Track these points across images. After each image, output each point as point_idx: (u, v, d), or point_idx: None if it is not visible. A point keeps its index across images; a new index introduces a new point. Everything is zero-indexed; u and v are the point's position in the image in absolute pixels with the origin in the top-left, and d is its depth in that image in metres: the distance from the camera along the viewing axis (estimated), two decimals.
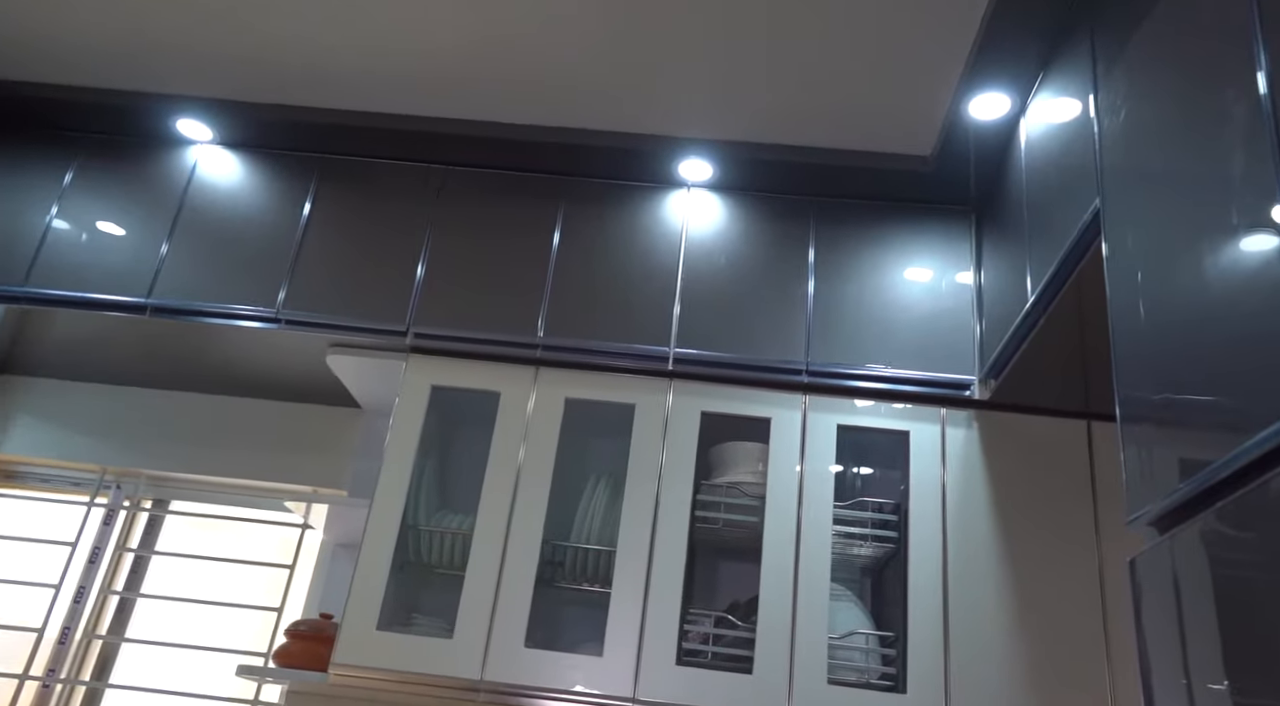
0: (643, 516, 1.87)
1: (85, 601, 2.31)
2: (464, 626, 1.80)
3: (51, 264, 2.10)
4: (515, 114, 2.08)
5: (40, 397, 2.49)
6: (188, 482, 2.45)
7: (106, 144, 2.24)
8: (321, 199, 2.17)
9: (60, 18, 1.95)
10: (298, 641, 1.92)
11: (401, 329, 2.03)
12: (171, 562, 2.44)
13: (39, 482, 2.50)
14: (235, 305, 2.06)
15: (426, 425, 2.00)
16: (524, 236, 2.13)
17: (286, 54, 1.97)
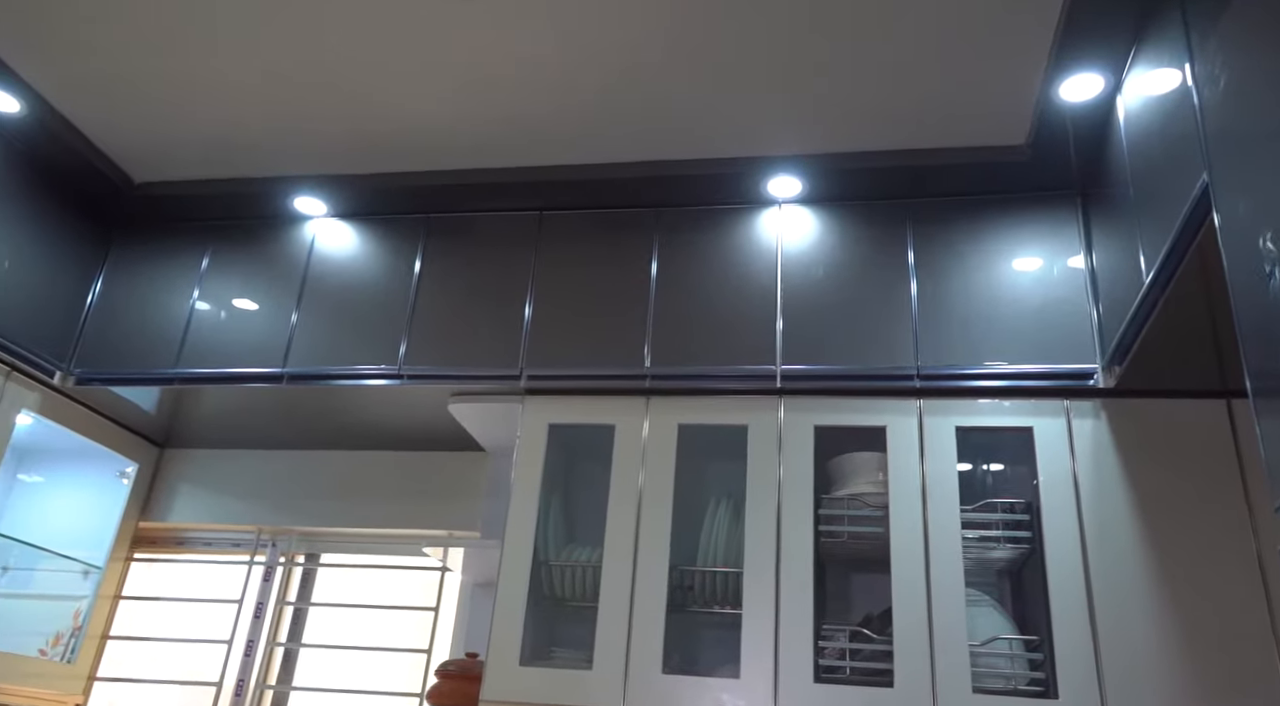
0: (766, 535, 1.88)
1: (255, 654, 2.47)
2: (602, 656, 1.84)
3: (197, 345, 2.29)
4: (606, 154, 2.14)
5: (198, 467, 2.70)
6: (334, 535, 2.60)
7: (235, 228, 2.43)
8: (430, 256, 2.29)
9: (185, 121, 2.14)
10: (448, 680, 2.01)
11: (515, 372, 2.11)
12: (327, 611, 2.58)
13: (203, 546, 2.70)
14: (361, 366, 2.18)
15: (547, 463, 2.07)
16: (623, 270, 2.18)
17: (388, 125, 2.10)
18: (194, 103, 2.08)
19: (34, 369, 2.23)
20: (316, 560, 2.66)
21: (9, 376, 2.20)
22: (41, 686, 2.31)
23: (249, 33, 1.85)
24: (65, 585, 2.56)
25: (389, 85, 1.97)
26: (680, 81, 1.90)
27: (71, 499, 2.66)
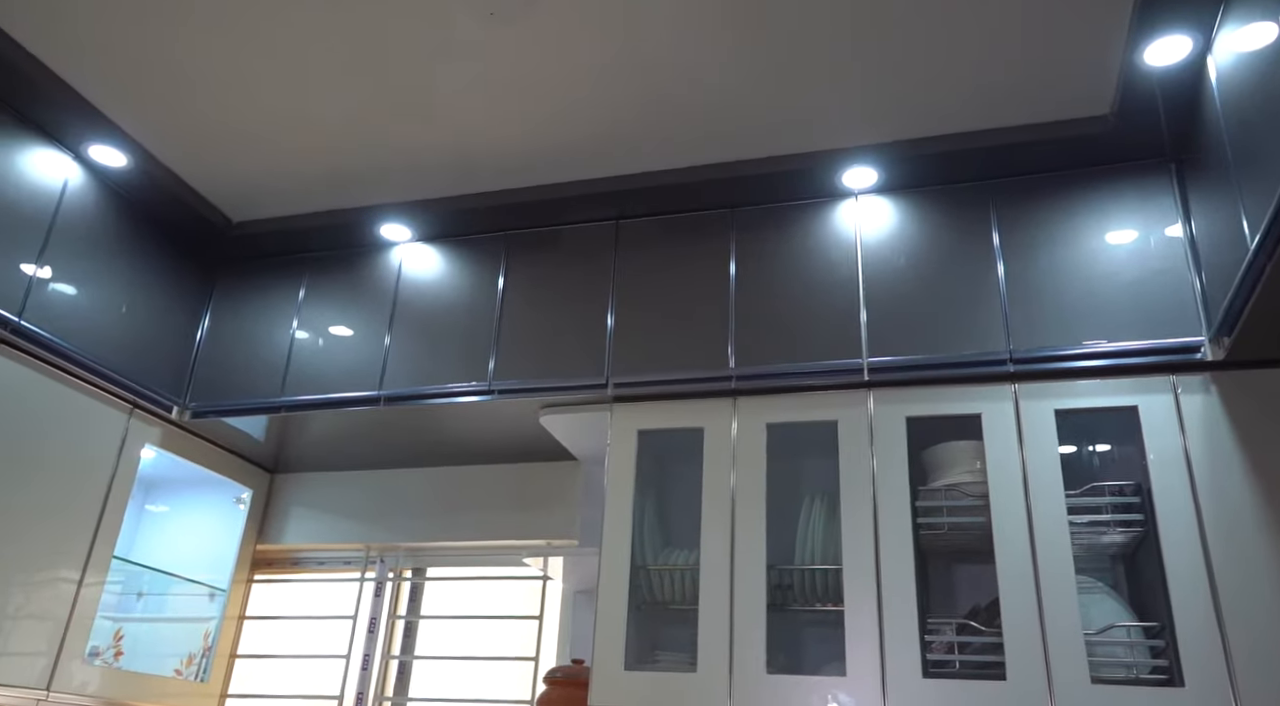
0: (863, 530, 1.86)
1: (371, 667, 2.56)
2: (705, 659, 1.85)
3: (299, 373, 2.39)
4: (678, 158, 2.16)
5: (307, 490, 2.82)
6: (437, 549, 2.68)
7: (327, 259, 2.53)
8: (513, 272, 2.34)
9: (275, 161, 2.24)
10: (556, 687, 2.05)
11: (602, 381, 2.14)
12: (436, 623, 2.66)
13: (316, 565, 2.82)
14: (453, 384, 2.25)
15: (639, 468, 2.09)
16: (702, 273, 2.19)
17: (466, 149, 2.16)
18: (283, 143, 2.18)
19: (154, 405, 2.37)
20: (423, 574, 2.74)
21: (132, 413, 2.34)
22: (179, 704, 2.45)
23: (333, 72, 1.94)
24: (194, 608, 2.70)
25: (465, 111, 2.03)
26: (747, 80, 1.90)
27: (194, 526, 2.82)
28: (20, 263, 2.02)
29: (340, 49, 1.87)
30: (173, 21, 1.82)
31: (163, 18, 1.81)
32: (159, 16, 1.81)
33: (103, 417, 2.26)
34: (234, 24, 1.82)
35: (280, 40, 1.86)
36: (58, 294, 2.11)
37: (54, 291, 2.10)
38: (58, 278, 2.11)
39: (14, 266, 2.00)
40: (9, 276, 1.99)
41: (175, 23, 1.82)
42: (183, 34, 1.85)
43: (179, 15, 1.80)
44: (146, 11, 1.80)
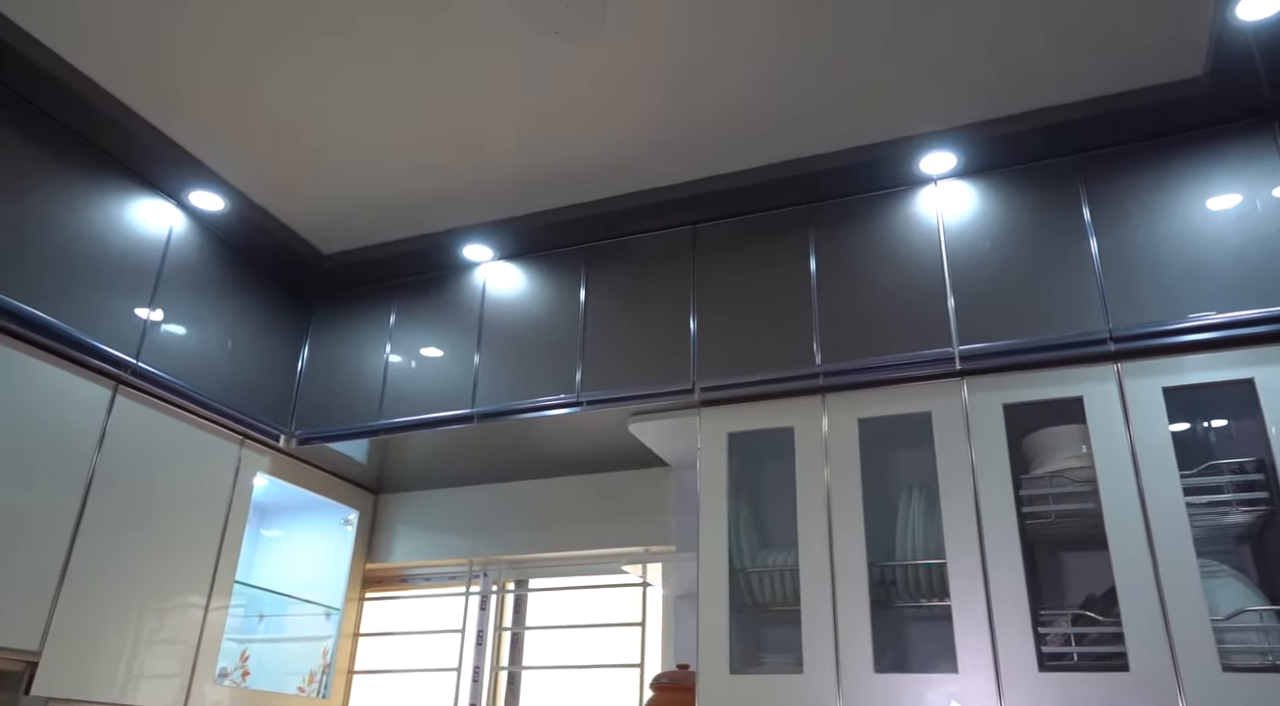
0: (965, 522, 1.81)
1: (481, 679, 2.62)
2: (811, 660, 1.83)
3: (395, 395, 2.47)
4: (753, 159, 2.15)
5: (410, 508, 2.90)
6: (537, 561, 2.72)
7: (415, 283, 2.61)
8: (593, 283, 2.37)
9: (360, 193, 2.33)
10: (662, 693, 2.05)
11: (688, 386, 2.15)
12: (542, 633, 2.70)
13: (423, 581, 2.90)
14: (542, 397, 2.29)
15: (731, 471, 2.08)
16: (782, 271, 2.18)
17: (544, 167, 2.21)
18: (367, 175, 2.26)
19: (262, 435, 2.48)
20: (525, 586, 2.79)
21: (243, 444, 2.45)
22: None
23: (410, 104, 2.00)
24: (311, 627, 2.81)
25: (539, 129, 2.07)
26: (816, 73, 1.89)
27: (307, 548, 2.93)
28: (135, 307, 2.15)
29: (415, 81, 1.93)
30: (260, 71, 1.91)
31: (251, 68, 1.90)
32: (248, 67, 1.90)
33: (217, 450, 2.37)
34: (315, 68, 1.90)
35: (359, 78, 1.93)
36: (169, 335, 2.23)
37: (165, 333, 2.22)
38: (168, 319, 2.24)
39: (129, 311, 2.13)
40: (126, 321, 2.12)
41: (262, 72, 1.91)
42: (269, 81, 1.94)
43: (266, 64, 1.89)
44: (236, 64, 1.89)
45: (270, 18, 1.79)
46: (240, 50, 1.87)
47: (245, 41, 1.85)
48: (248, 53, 1.87)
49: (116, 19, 1.79)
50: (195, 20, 1.80)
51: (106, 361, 2.06)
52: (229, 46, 1.86)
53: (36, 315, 1.92)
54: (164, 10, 1.77)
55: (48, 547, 1.92)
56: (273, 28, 1.81)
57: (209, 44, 1.85)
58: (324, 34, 1.82)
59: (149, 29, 1.82)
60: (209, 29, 1.82)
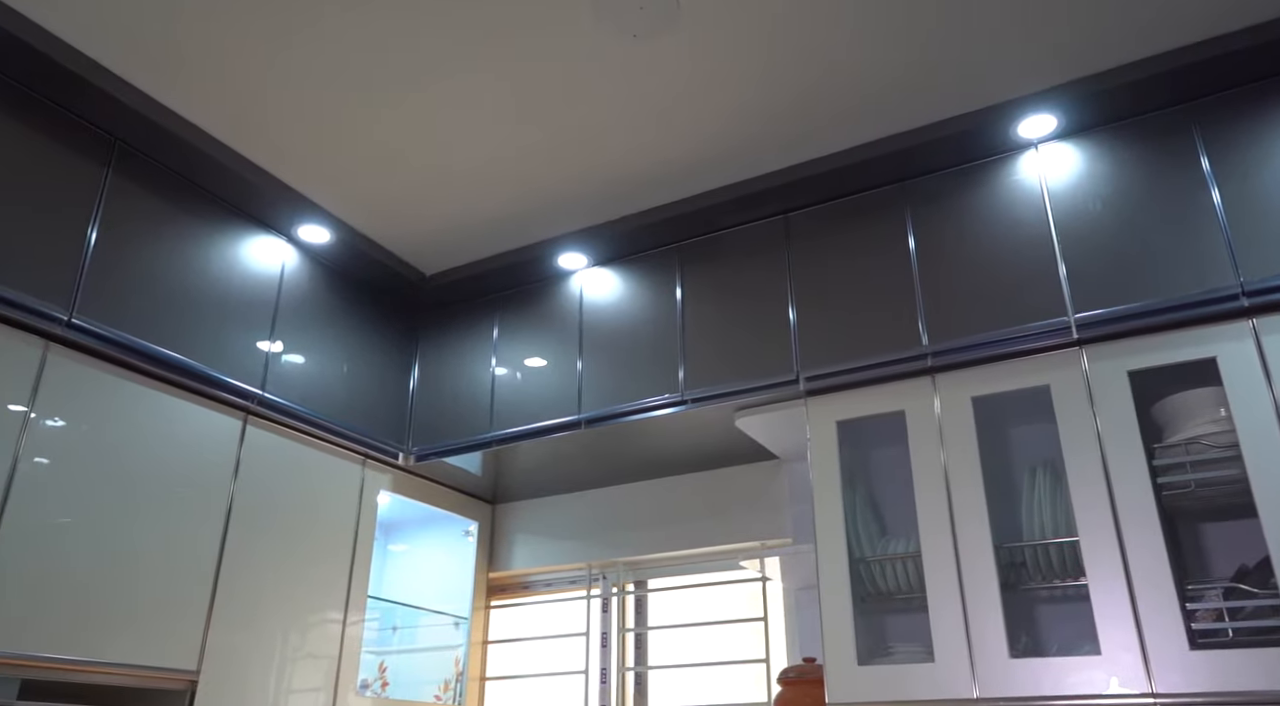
0: (1097, 497, 1.73)
1: (609, 680, 2.66)
2: (942, 647, 1.78)
3: (503, 407, 2.53)
4: (843, 142, 2.12)
5: (526, 517, 2.96)
6: (655, 561, 2.74)
7: (514, 296, 2.67)
8: (689, 281, 2.37)
9: (456, 213, 2.40)
10: (790, 687, 2.04)
11: (792, 377, 2.13)
12: (665, 633, 2.72)
13: (545, 587, 2.95)
14: (646, 398, 2.30)
15: (842, 460, 2.05)
16: (880, 253, 2.13)
17: (633, 170, 2.22)
18: (462, 194, 2.32)
19: (382, 454, 2.58)
20: (645, 586, 2.81)
21: (365, 464, 2.56)
22: None
23: (500, 121, 2.05)
24: (443, 637, 2.90)
25: (627, 133, 2.09)
26: (902, 47, 1.84)
27: (431, 561, 3.03)
28: (257, 341, 2.26)
29: (504, 101, 1.98)
30: (354, 106, 1.99)
31: (345, 105, 1.99)
32: (341, 104, 1.98)
33: (342, 471, 2.48)
34: (406, 99, 1.97)
35: (448, 105, 1.99)
36: (289, 364, 2.34)
37: (286, 362, 2.33)
38: (288, 349, 2.35)
39: (252, 345, 2.25)
40: (250, 355, 2.23)
41: (356, 107, 1.99)
42: (363, 115, 2.02)
43: (359, 99, 1.97)
44: (329, 103, 1.98)
45: (360, 55, 1.86)
46: (333, 89, 1.95)
47: (337, 81, 1.92)
48: (340, 91, 1.95)
49: (233, 79, 1.90)
50: (290, 65, 1.88)
51: (236, 394, 2.18)
52: (322, 87, 1.94)
53: (170, 355, 2.04)
54: (262, 58, 1.87)
55: (197, 573, 2.05)
56: (363, 64, 1.88)
57: (304, 86, 1.94)
58: (413, 67, 1.88)
59: (254, 80, 1.92)
60: (303, 73, 1.90)
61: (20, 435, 1.77)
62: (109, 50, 1.85)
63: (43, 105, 1.91)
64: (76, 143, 1.96)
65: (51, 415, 1.83)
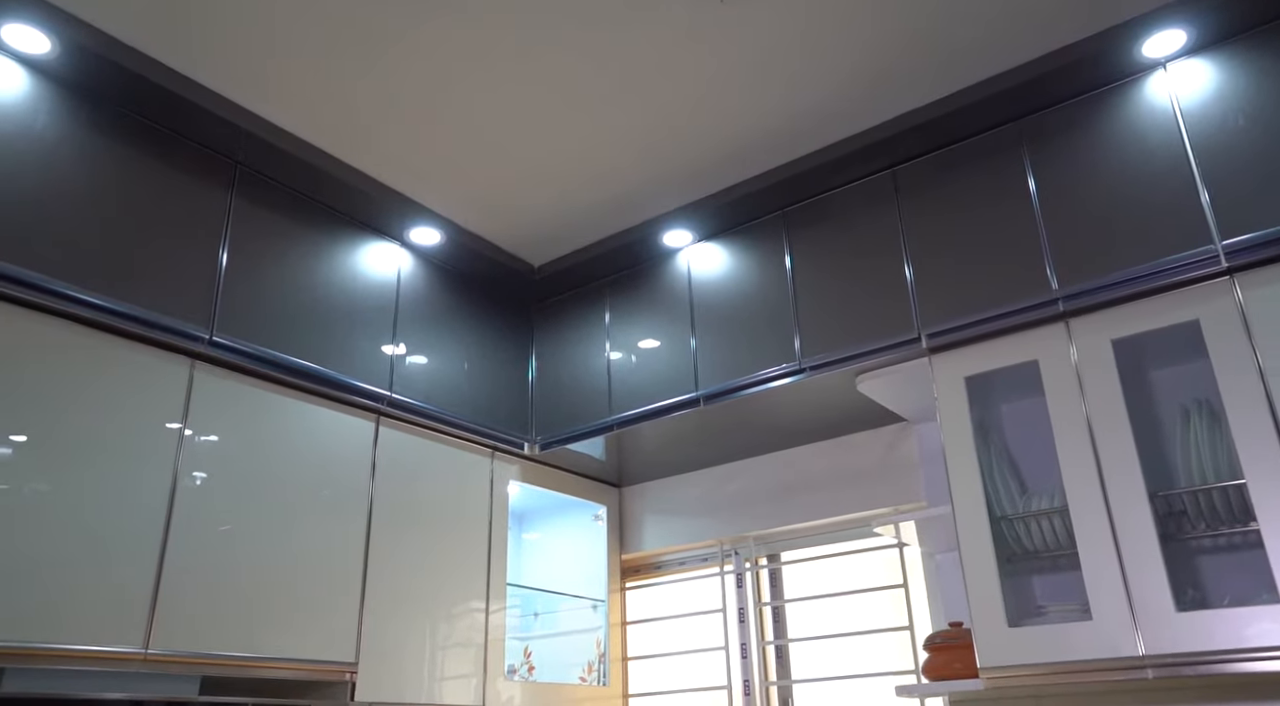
0: (1263, 436, 1.61)
1: (750, 655, 2.65)
2: (1100, 604, 1.69)
3: (621, 390, 2.55)
4: (951, 84, 2.02)
5: (652, 498, 2.98)
6: (786, 534, 2.71)
7: (622, 279, 2.68)
8: (797, 247, 2.32)
9: (557, 203, 2.42)
10: (938, 653, 1.98)
11: (913, 335, 2.06)
12: (804, 605, 2.69)
13: (677, 566, 2.97)
14: (763, 370, 2.27)
15: (974, 417, 1.97)
16: (998, 197, 2.03)
17: (736, 137, 2.19)
18: (565, 183, 2.34)
19: (508, 445, 2.64)
20: (778, 559, 2.78)
21: (493, 456, 2.62)
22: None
23: (597, 104, 2.05)
24: (582, 620, 2.96)
25: (726, 99, 2.06)
26: None
27: (564, 546, 3.09)
28: (381, 345, 2.35)
29: (597, 84, 1.98)
30: (453, 107, 2.03)
31: (444, 107, 2.03)
32: (440, 107, 2.03)
33: (472, 465, 2.55)
34: (501, 95, 2.00)
35: (544, 95, 2.00)
36: (413, 365, 2.42)
37: (410, 364, 2.41)
38: (411, 351, 2.43)
39: (377, 350, 2.33)
40: (376, 359, 2.32)
41: (455, 108, 2.03)
42: (462, 115, 2.06)
43: (457, 101, 2.01)
44: (428, 105, 2.02)
45: (452, 54, 1.89)
46: (429, 90, 1.99)
47: (433, 80, 1.96)
48: (436, 91, 1.99)
49: (335, 92, 1.97)
50: (387, 72, 1.93)
51: (367, 397, 2.27)
52: (419, 88, 1.99)
53: (304, 365, 2.14)
54: (359, 69, 1.92)
55: (347, 570, 2.15)
56: (457, 64, 1.92)
57: (401, 89, 1.99)
58: (506, 61, 1.90)
59: (354, 91, 1.98)
60: (399, 76, 1.95)
61: (178, 451, 1.89)
62: (222, 79, 1.95)
63: (170, 138, 2.03)
64: (201, 170, 2.07)
65: (204, 430, 1.95)
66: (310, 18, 1.79)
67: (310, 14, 1.78)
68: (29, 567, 1.62)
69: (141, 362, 1.88)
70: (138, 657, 1.72)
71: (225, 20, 1.79)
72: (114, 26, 1.80)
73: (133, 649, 1.72)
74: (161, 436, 1.87)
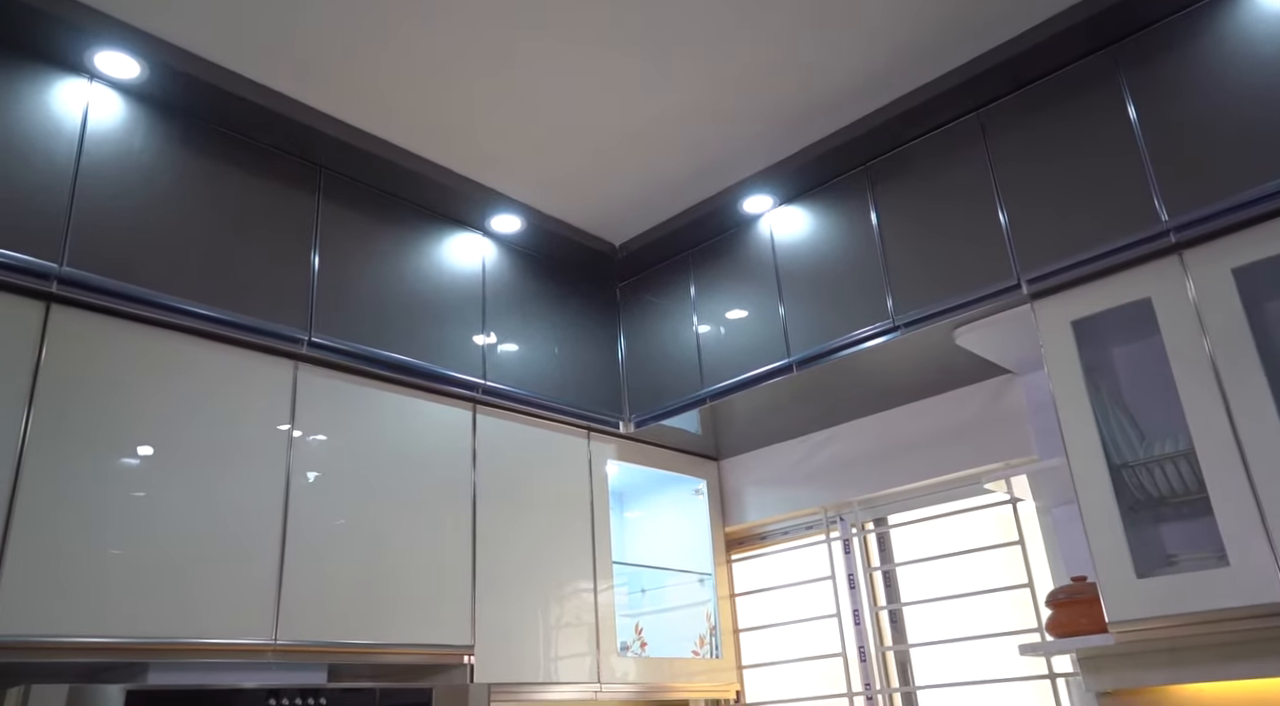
0: None
1: (863, 621, 2.61)
2: (1238, 550, 1.60)
3: (711, 363, 2.52)
4: (1036, 14, 1.92)
5: (751, 468, 2.96)
6: (891, 496, 2.65)
7: (704, 251, 2.65)
8: (883, 202, 2.25)
9: (639, 177, 2.41)
10: (1062, 609, 1.91)
11: (1012, 282, 1.97)
12: (916, 568, 2.63)
13: (782, 535, 2.94)
14: (856, 331, 2.22)
15: (1084, 362, 1.88)
16: (1095, 129, 1.92)
17: (805, 97, 2.14)
18: (640, 158, 2.33)
19: (604, 425, 2.65)
20: (885, 523, 2.73)
21: (590, 436, 2.64)
22: (705, 681, 2.69)
23: (668, 73, 2.03)
24: (691, 594, 2.96)
25: (798, 56, 2.01)
26: None
27: (667, 522, 3.09)
28: (472, 335, 2.38)
29: (663, 47, 1.95)
30: (523, 84, 2.03)
31: (516, 85, 2.03)
32: (513, 85, 2.03)
33: (569, 446, 2.57)
34: (571, 79, 1.99)
35: (613, 63, 1.99)
36: (504, 352, 2.45)
37: (501, 351, 2.44)
38: (501, 339, 2.46)
39: (468, 340, 2.37)
40: (468, 349, 2.36)
41: (524, 85, 2.04)
42: (532, 93, 2.06)
43: (528, 78, 2.01)
44: (502, 86, 2.03)
45: (520, 34, 1.89)
46: (500, 75, 2.00)
47: (504, 65, 1.97)
48: (508, 76, 2.00)
49: (411, 88, 2.00)
50: (460, 62, 1.95)
51: (462, 387, 2.31)
52: (492, 77, 1.99)
53: (401, 359, 2.19)
54: (431, 62, 1.94)
55: (458, 556, 2.20)
56: (525, 44, 1.92)
57: (475, 77, 2.00)
58: (575, 43, 1.89)
59: (427, 84, 2.00)
60: (474, 62, 1.96)
61: (289, 451, 1.96)
62: (304, 87, 1.99)
63: (258, 149, 2.09)
64: (289, 177, 2.13)
65: (311, 429, 2.01)
66: (376, 15, 1.81)
67: (375, 12, 1.80)
68: (166, 568, 1.71)
69: (249, 368, 1.95)
70: (268, 648, 1.80)
71: (298, 26, 1.83)
72: (196, 43, 1.86)
73: (263, 641, 1.80)
74: (273, 438, 1.94)
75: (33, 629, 1.54)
